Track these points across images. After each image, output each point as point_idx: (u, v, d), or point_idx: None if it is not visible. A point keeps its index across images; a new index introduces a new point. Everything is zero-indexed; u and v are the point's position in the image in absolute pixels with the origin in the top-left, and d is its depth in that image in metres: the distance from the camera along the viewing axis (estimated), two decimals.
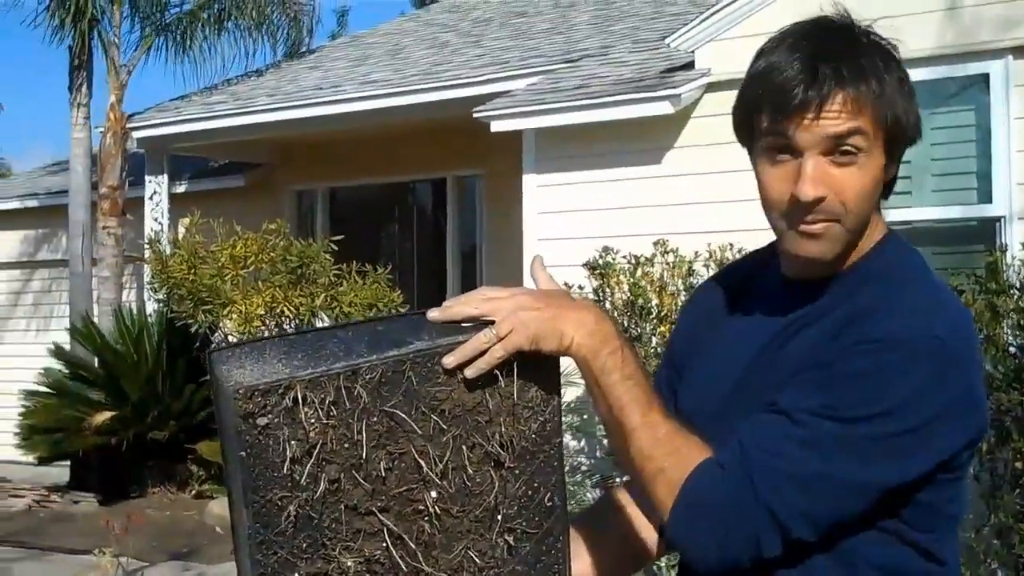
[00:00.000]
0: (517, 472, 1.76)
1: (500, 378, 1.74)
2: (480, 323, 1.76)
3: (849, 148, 1.77)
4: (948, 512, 1.83)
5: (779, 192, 1.81)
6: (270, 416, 1.66)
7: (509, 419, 1.75)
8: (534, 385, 1.76)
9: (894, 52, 1.84)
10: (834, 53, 1.78)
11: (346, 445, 1.68)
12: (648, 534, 2.11)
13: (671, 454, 1.75)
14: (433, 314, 1.77)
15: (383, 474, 1.70)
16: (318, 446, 1.67)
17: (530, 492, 1.78)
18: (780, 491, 1.70)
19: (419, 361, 1.71)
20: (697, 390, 2.01)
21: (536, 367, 1.76)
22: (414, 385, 1.71)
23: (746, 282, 2.05)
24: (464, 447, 1.73)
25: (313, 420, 1.66)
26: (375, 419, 1.69)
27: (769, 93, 1.79)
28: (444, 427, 1.72)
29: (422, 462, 1.71)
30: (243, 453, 1.66)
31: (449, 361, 1.71)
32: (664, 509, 1.76)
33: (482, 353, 1.72)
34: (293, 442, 1.66)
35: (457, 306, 1.78)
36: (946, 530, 1.84)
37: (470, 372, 1.72)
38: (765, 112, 1.80)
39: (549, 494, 1.79)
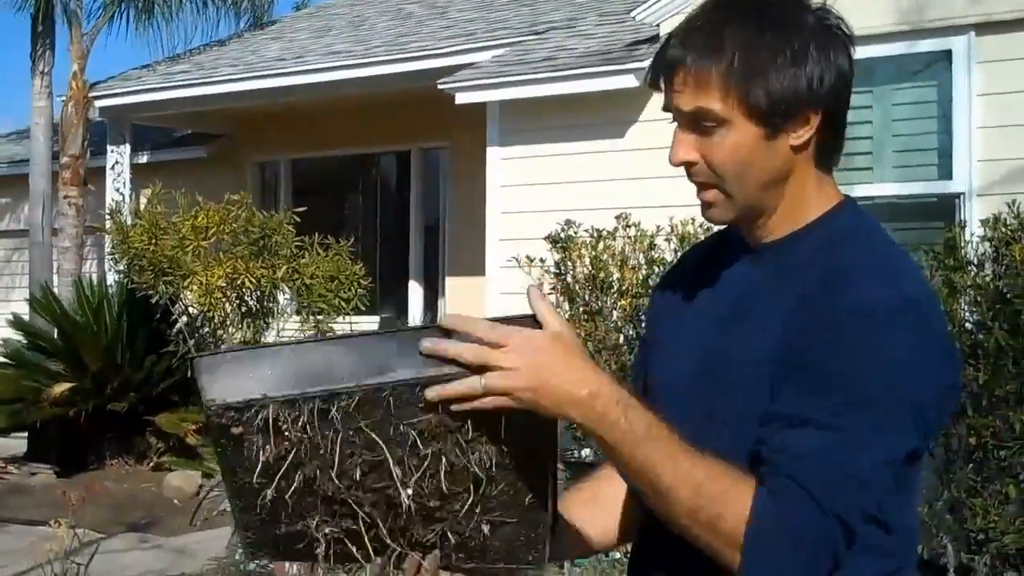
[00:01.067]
0: (499, 479, 1.75)
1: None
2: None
3: (704, 123, 1.82)
4: (912, 475, 1.87)
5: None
6: (243, 427, 1.69)
7: (491, 443, 1.72)
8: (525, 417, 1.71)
9: (800, 22, 1.83)
10: (701, 26, 1.83)
11: (321, 452, 1.70)
12: None
13: (718, 499, 1.70)
14: (425, 344, 1.69)
15: (358, 478, 1.72)
16: (291, 454, 1.70)
17: (512, 492, 1.77)
18: (843, 496, 1.69)
19: (399, 390, 1.68)
20: (665, 366, 2.01)
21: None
22: (391, 411, 1.68)
23: (711, 254, 2.06)
24: (444, 459, 1.72)
25: (287, 434, 1.68)
26: (351, 435, 1.69)
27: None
28: (421, 445, 1.71)
29: (398, 470, 1.71)
30: (218, 449, 1.73)
31: (431, 395, 1.67)
32: (731, 559, 1.70)
33: (468, 398, 1.68)
34: (267, 447, 1.69)
35: (452, 348, 1.68)
36: (909, 494, 1.89)
37: (454, 407, 1.68)
38: None
39: (531, 495, 1.78)
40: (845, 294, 1.75)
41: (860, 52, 6.93)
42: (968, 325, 6.52)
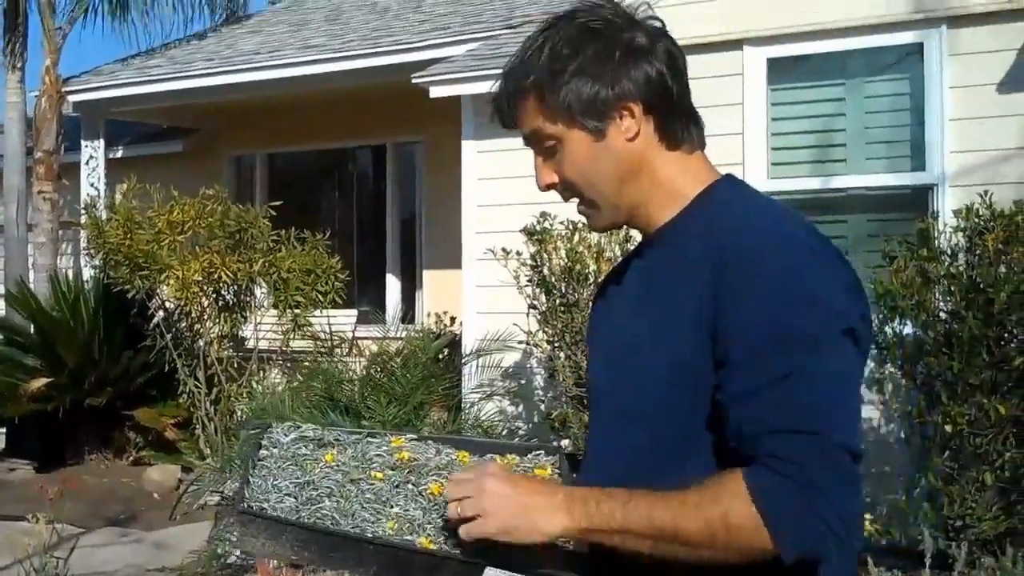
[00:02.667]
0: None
1: None
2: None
3: (544, 143, 1.98)
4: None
5: None
6: None
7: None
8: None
9: (600, 31, 1.95)
10: (513, 59, 2.00)
11: None
12: None
13: (715, 503, 1.73)
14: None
15: None
16: None
17: None
18: (838, 428, 1.73)
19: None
20: (590, 371, 2.13)
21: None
22: None
23: (624, 262, 2.16)
24: None
25: None
26: None
27: None
28: None
29: None
30: None
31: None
32: (764, 544, 1.71)
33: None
34: None
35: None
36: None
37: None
38: None
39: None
40: (747, 253, 1.81)
41: (834, 45, 7.06)
42: (942, 315, 6.58)
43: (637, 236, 6.64)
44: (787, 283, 1.78)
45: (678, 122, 1.98)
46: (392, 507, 1.95)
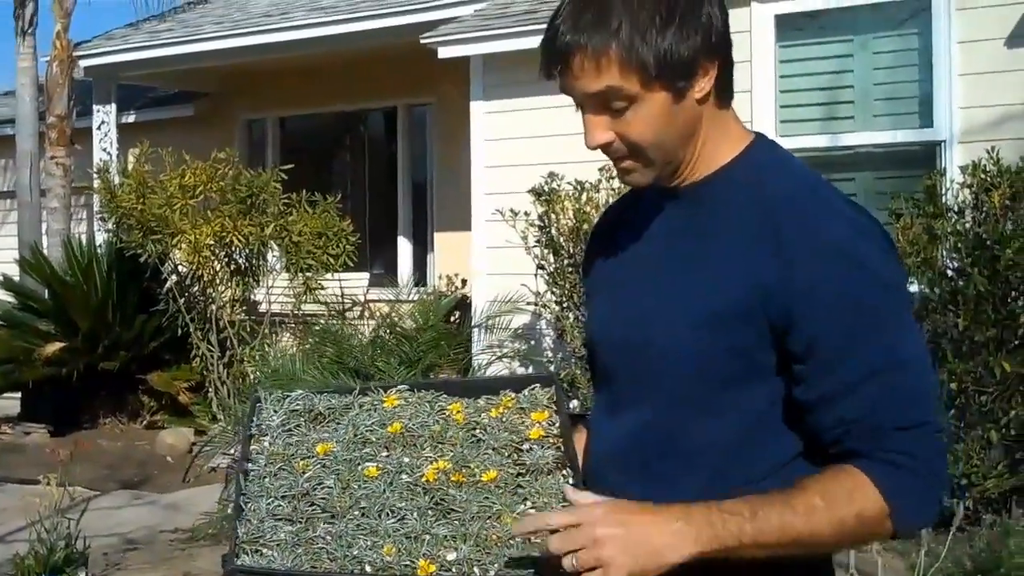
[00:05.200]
0: None
1: None
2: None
3: (613, 103, 1.83)
4: None
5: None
6: None
7: None
8: None
9: None
10: (587, 7, 1.82)
11: None
12: None
13: (848, 505, 1.75)
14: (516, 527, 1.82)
15: None
16: None
17: None
18: (933, 410, 1.80)
19: None
20: (601, 322, 2.04)
21: None
22: None
23: (627, 210, 2.10)
24: None
25: None
26: None
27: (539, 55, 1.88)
28: None
29: None
30: None
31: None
32: (884, 533, 1.78)
33: None
34: None
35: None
36: None
37: None
38: None
39: None
40: (816, 238, 1.78)
41: (842, 1, 7.00)
42: (948, 272, 6.56)
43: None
44: (859, 267, 1.78)
45: (732, 78, 1.92)
46: (389, 518, 1.91)
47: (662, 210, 1.98)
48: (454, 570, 1.83)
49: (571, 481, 1.93)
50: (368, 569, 1.84)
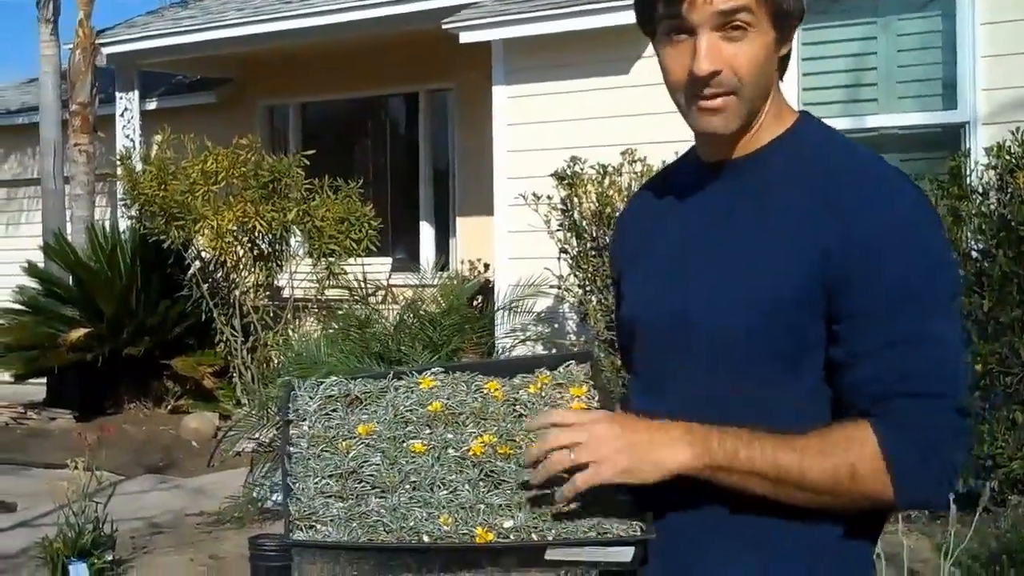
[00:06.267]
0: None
1: None
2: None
3: (738, 23, 1.82)
4: None
5: (679, 71, 1.87)
6: None
7: None
8: None
9: None
10: None
11: None
12: None
13: (844, 451, 1.76)
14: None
15: None
16: None
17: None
18: (961, 390, 1.80)
19: None
20: (645, 301, 2.01)
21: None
22: None
23: (663, 184, 2.09)
24: None
25: None
26: None
27: None
28: None
29: None
30: None
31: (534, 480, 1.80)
32: (885, 496, 1.77)
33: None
34: None
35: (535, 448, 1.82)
36: None
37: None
38: None
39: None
40: (881, 210, 1.79)
41: None
42: (973, 253, 6.55)
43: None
44: (916, 243, 1.79)
45: (787, 58, 1.94)
46: (441, 489, 1.91)
47: (707, 185, 1.96)
48: (512, 536, 1.83)
49: None
50: (426, 539, 1.84)
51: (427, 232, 13.08)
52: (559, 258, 8.26)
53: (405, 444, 2.00)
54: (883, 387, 1.76)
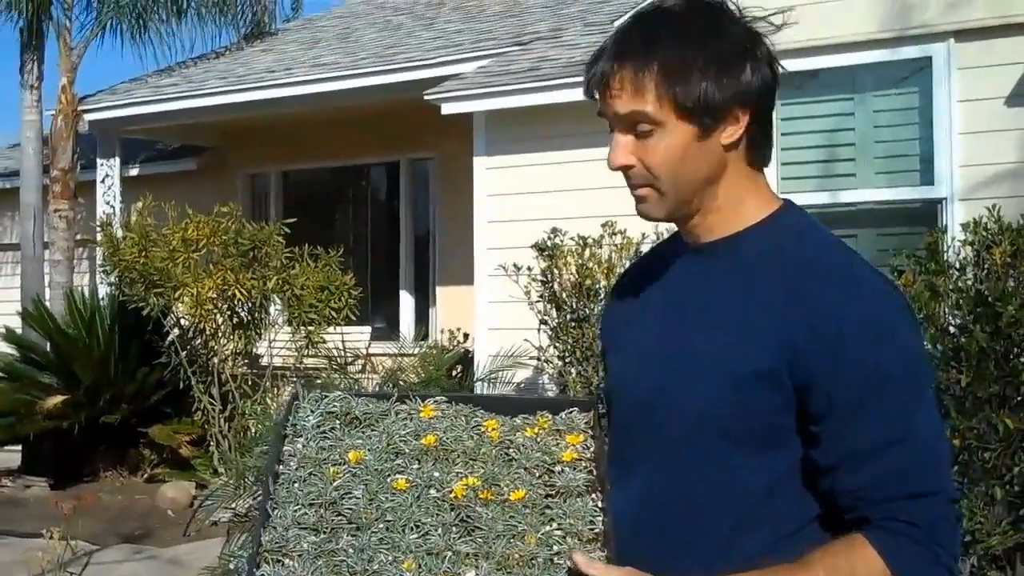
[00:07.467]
0: None
1: None
2: None
3: (640, 126, 1.89)
4: None
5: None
6: None
7: None
8: None
9: (725, 30, 1.89)
10: (632, 36, 1.90)
11: None
12: None
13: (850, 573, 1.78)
14: None
15: None
16: None
17: None
18: (948, 480, 1.84)
19: None
20: (620, 377, 2.06)
21: None
22: None
23: (657, 261, 2.11)
24: None
25: None
26: None
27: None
28: None
29: None
30: None
31: None
32: None
33: None
34: None
35: None
36: None
37: None
38: None
39: None
40: (846, 304, 1.81)
41: (842, 59, 7.10)
42: (951, 328, 6.57)
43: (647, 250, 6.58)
44: (888, 338, 1.81)
45: (769, 137, 1.95)
46: (412, 533, 1.92)
47: (685, 267, 2.00)
48: None
49: (600, 504, 1.95)
50: None
51: (407, 301, 13.09)
52: (539, 329, 8.27)
53: (390, 479, 2.01)
54: (884, 492, 1.78)
